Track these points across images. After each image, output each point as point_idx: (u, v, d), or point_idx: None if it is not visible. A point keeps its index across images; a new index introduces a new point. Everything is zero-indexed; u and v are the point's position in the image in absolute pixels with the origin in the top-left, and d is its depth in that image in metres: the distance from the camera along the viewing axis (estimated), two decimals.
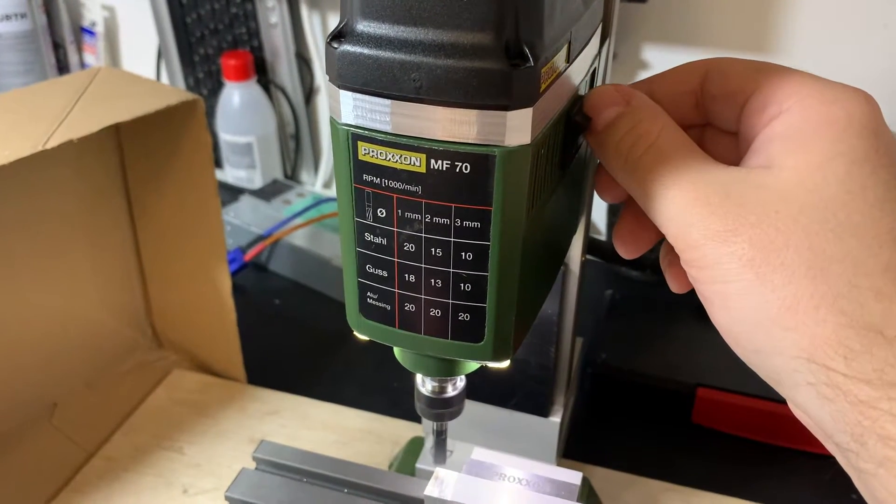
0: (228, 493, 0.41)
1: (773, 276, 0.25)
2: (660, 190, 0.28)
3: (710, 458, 0.62)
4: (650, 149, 0.29)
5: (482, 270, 0.28)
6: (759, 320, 0.25)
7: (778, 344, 0.25)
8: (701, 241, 0.26)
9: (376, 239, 0.28)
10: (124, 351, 0.69)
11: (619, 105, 0.30)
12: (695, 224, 0.27)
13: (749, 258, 0.25)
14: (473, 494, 0.36)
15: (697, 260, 0.27)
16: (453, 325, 0.29)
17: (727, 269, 0.26)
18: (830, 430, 0.25)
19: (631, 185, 0.30)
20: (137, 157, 0.62)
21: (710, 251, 0.26)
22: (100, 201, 0.63)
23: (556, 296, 0.43)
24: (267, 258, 0.84)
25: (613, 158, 0.30)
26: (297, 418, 0.63)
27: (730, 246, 0.26)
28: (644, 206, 0.29)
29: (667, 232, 0.28)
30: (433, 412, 0.37)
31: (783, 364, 0.26)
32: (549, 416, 0.47)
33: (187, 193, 0.60)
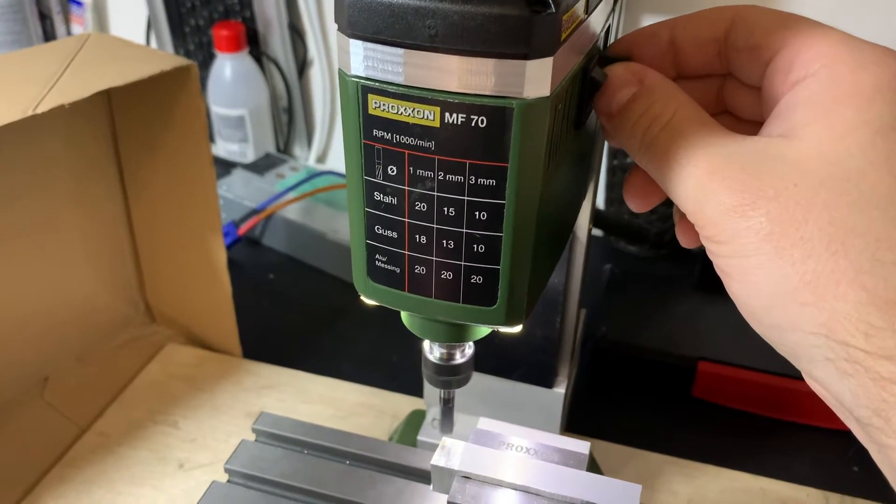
0: (228, 465, 0.41)
1: (793, 251, 0.24)
2: (676, 168, 0.27)
3: (710, 431, 0.61)
4: (665, 128, 0.28)
5: (496, 231, 0.27)
6: (777, 295, 0.25)
7: (796, 319, 0.25)
8: (718, 217, 0.26)
9: (386, 198, 0.27)
10: (117, 325, 0.67)
11: (633, 85, 0.29)
12: (712, 199, 0.26)
13: (767, 232, 0.25)
14: (481, 463, 0.35)
15: (715, 235, 0.26)
16: (465, 288, 0.28)
17: (745, 244, 0.25)
18: (850, 404, 0.25)
19: (648, 165, 0.29)
20: (129, 127, 0.60)
21: (728, 226, 0.25)
22: (91, 173, 0.61)
23: (562, 265, 0.42)
24: (261, 233, 0.83)
25: (629, 139, 0.29)
26: (294, 392, 0.62)
27: (747, 220, 0.25)
28: (662, 184, 0.29)
29: (685, 209, 0.28)
30: (440, 379, 0.36)
31: (801, 339, 0.25)
32: (554, 387, 0.47)
33: (181, 163, 0.58)
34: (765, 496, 0.54)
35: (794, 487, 0.55)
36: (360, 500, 0.39)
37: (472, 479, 0.35)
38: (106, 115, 0.60)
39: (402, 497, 0.39)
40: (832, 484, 0.55)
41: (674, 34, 0.30)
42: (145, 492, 0.54)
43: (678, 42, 0.30)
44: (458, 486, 0.35)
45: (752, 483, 0.55)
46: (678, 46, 0.30)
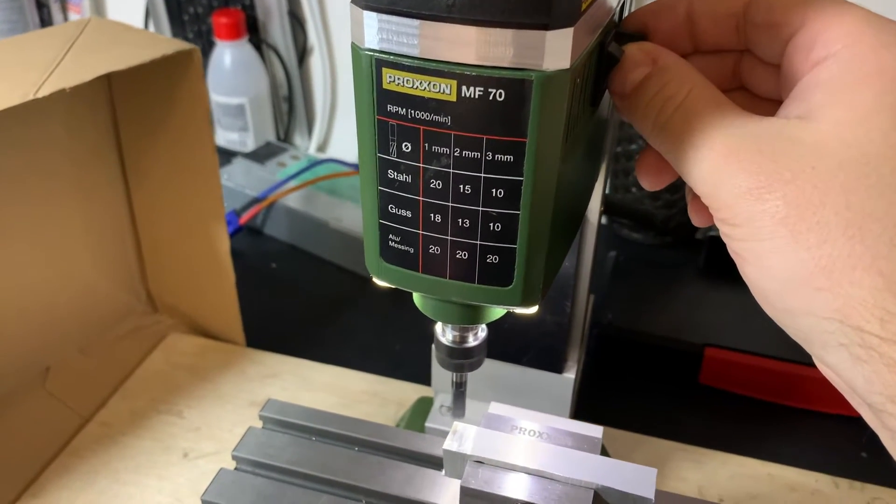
0: (236, 452, 0.40)
1: (809, 235, 0.24)
2: (690, 150, 0.27)
3: (717, 418, 0.61)
4: (679, 109, 0.27)
5: (513, 208, 0.26)
6: (791, 279, 0.25)
7: (810, 304, 0.24)
8: (733, 200, 0.25)
9: (400, 176, 0.27)
10: (119, 315, 0.67)
11: (646, 65, 0.28)
12: (727, 182, 0.25)
13: (783, 216, 0.24)
14: (493, 448, 0.35)
15: (730, 218, 0.26)
16: (481, 268, 0.28)
17: (760, 227, 0.25)
18: (863, 390, 0.25)
19: (662, 146, 0.28)
20: (130, 113, 0.60)
21: (743, 209, 0.25)
22: (92, 160, 0.60)
23: (573, 249, 0.42)
24: (262, 222, 0.82)
25: (642, 120, 0.29)
26: (298, 381, 0.62)
27: (763, 204, 0.25)
28: (675, 165, 0.28)
29: (699, 192, 0.27)
30: (453, 362, 0.36)
31: (814, 324, 0.25)
32: (564, 372, 0.46)
33: (183, 150, 0.58)
34: (773, 482, 0.54)
35: (804, 473, 0.54)
36: (369, 486, 0.38)
37: (485, 463, 0.34)
38: (107, 102, 0.59)
39: (412, 483, 0.38)
40: (841, 469, 0.55)
41: (691, 8, 0.30)
42: (150, 481, 0.53)
43: (695, 16, 0.30)
44: (471, 470, 0.34)
45: (761, 469, 0.55)
46: (695, 20, 0.30)
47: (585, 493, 0.33)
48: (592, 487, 0.33)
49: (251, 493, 0.38)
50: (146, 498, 0.52)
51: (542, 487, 0.33)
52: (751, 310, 0.68)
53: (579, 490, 0.33)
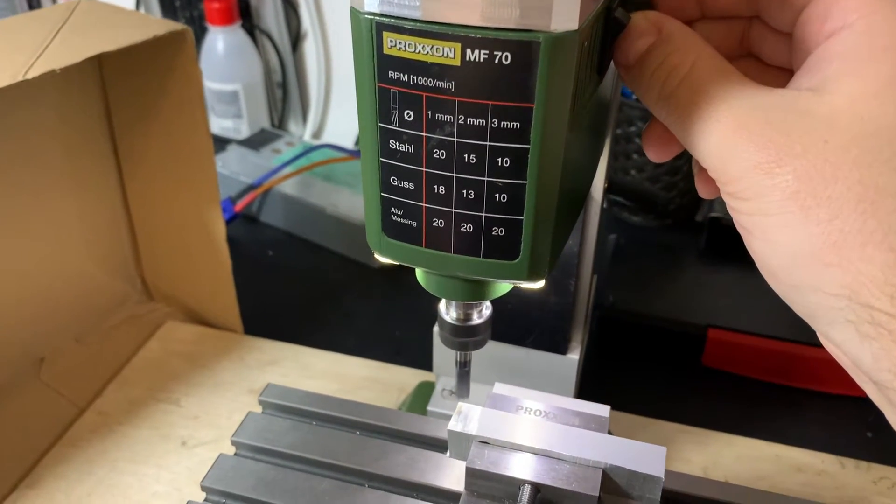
0: (235, 437, 0.39)
1: (819, 210, 0.23)
2: (697, 122, 0.26)
3: (721, 399, 0.61)
4: (684, 81, 0.27)
5: (520, 178, 0.25)
6: (800, 254, 0.24)
7: (818, 280, 0.24)
8: (742, 174, 0.25)
9: (402, 146, 0.26)
10: (114, 304, 0.66)
11: (650, 35, 0.28)
12: (735, 156, 0.25)
13: (794, 191, 0.24)
14: (499, 428, 0.34)
15: (738, 192, 0.25)
16: (486, 242, 0.27)
17: (770, 202, 0.24)
18: (869, 368, 0.24)
19: (667, 118, 0.28)
20: (123, 97, 0.58)
21: (752, 183, 0.25)
22: (84, 145, 0.59)
23: (576, 227, 0.41)
24: (258, 209, 0.81)
25: (647, 92, 0.28)
26: (298, 368, 0.61)
27: (773, 178, 0.24)
28: (683, 140, 0.28)
29: (706, 165, 0.26)
30: (457, 341, 0.35)
31: (822, 300, 0.24)
32: (567, 353, 0.45)
33: (177, 134, 0.57)
34: (780, 462, 0.53)
35: (809, 453, 0.54)
36: (372, 469, 0.37)
37: (491, 444, 0.34)
38: (98, 86, 0.58)
39: (416, 465, 0.37)
40: (846, 450, 0.55)
41: None
42: (148, 470, 0.52)
43: None
44: (477, 451, 0.34)
45: (767, 450, 0.54)
46: None
47: (594, 472, 0.32)
48: (601, 467, 0.33)
49: (251, 479, 0.37)
50: (144, 487, 0.51)
51: (549, 468, 0.33)
52: (753, 290, 0.68)
53: (587, 470, 0.33)
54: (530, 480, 0.32)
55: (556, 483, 0.32)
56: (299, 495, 0.36)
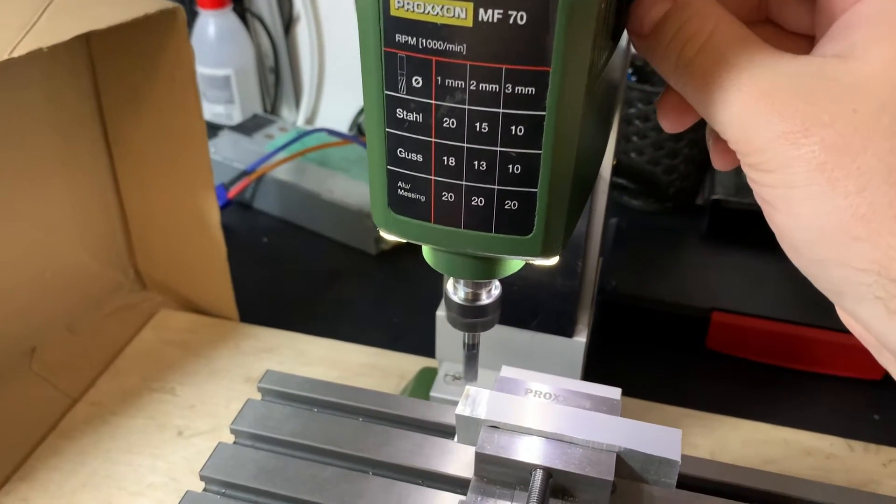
0: (234, 425, 0.38)
1: (847, 182, 0.22)
2: (717, 92, 0.25)
3: (726, 383, 0.60)
4: (703, 49, 0.25)
5: (535, 148, 0.24)
6: (825, 228, 0.23)
7: (844, 254, 0.23)
8: (766, 145, 0.24)
9: (410, 115, 0.24)
10: (106, 293, 0.64)
11: (665, 1, 0.26)
12: (759, 126, 0.24)
13: (820, 162, 0.23)
14: (508, 412, 0.33)
15: (761, 164, 0.24)
16: (498, 216, 0.26)
17: (794, 174, 0.23)
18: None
19: (685, 89, 0.27)
20: (112, 78, 0.57)
21: (777, 155, 0.23)
22: (73, 128, 0.58)
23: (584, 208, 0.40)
24: (251, 196, 0.80)
25: (663, 61, 0.27)
26: (295, 355, 0.60)
27: (799, 149, 0.23)
28: (700, 109, 0.26)
29: (727, 136, 0.25)
30: (465, 322, 0.33)
31: (848, 276, 0.23)
32: (574, 336, 0.44)
33: (168, 115, 0.55)
34: (788, 446, 0.53)
35: (817, 437, 0.53)
36: (376, 456, 0.36)
37: (501, 428, 0.33)
38: (87, 66, 0.57)
39: (421, 452, 0.36)
40: (853, 432, 0.54)
41: None
42: (144, 460, 0.51)
43: None
44: (486, 436, 0.32)
45: (774, 434, 0.54)
46: None
47: (608, 456, 0.31)
48: (615, 451, 0.32)
49: (252, 468, 0.36)
50: (140, 478, 0.50)
51: (561, 452, 0.32)
52: (758, 273, 0.67)
53: (601, 454, 0.32)
54: (542, 465, 0.31)
55: (569, 468, 0.31)
56: (301, 483, 0.35)
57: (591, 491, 0.31)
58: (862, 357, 0.59)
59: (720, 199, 0.70)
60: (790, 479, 0.36)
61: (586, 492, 0.31)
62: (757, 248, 0.68)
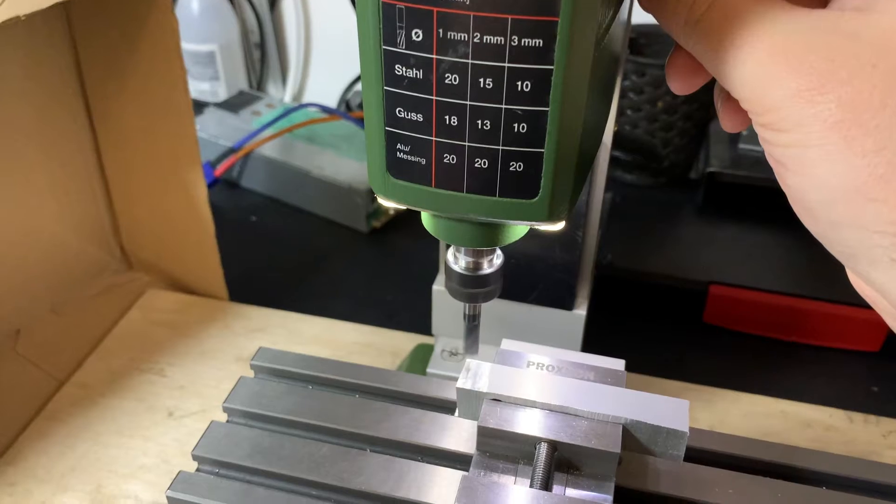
0: (227, 403, 0.37)
1: (865, 140, 0.22)
2: (730, 50, 0.24)
3: (724, 357, 0.59)
4: (714, 5, 0.25)
5: (541, 104, 0.23)
6: (840, 189, 0.22)
7: (861, 216, 0.22)
8: (780, 103, 0.23)
9: (409, 72, 0.23)
10: (91, 273, 0.63)
11: None
12: (772, 84, 0.23)
13: (837, 120, 0.22)
14: (511, 384, 0.32)
15: (775, 123, 0.23)
16: (503, 179, 0.25)
17: (809, 133, 0.22)
18: None
19: (695, 47, 0.26)
20: (93, 52, 0.55)
21: (791, 113, 0.23)
22: (54, 104, 0.56)
23: None
24: (238, 174, 0.78)
25: (672, 18, 0.26)
26: (287, 334, 0.59)
27: (815, 107, 0.22)
28: (711, 68, 0.25)
29: (739, 95, 0.24)
30: (466, 292, 0.32)
31: (863, 238, 0.23)
32: (574, 309, 0.43)
33: (152, 90, 0.53)
34: (787, 419, 0.52)
35: (817, 409, 0.53)
36: (374, 433, 0.35)
37: (503, 401, 0.32)
38: (67, 39, 0.55)
39: (420, 427, 0.35)
40: (853, 404, 0.54)
41: None
42: (134, 443, 0.50)
43: None
44: (488, 409, 0.31)
45: (773, 406, 0.53)
46: None
47: (614, 428, 0.31)
48: (621, 422, 0.31)
49: (246, 446, 0.35)
50: (131, 460, 0.49)
51: (566, 425, 0.31)
52: (755, 246, 0.66)
53: (607, 426, 0.31)
54: (547, 438, 0.30)
55: (575, 440, 0.30)
56: (298, 462, 0.34)
57: (597, 464, 0.30)
58: (860, 329, 0.58)
59: (715, 172, 0.69)
60: (797, 449, 0.35)
61: (592, 465, 0.30)
62: (753, 221, 0.67)
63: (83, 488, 0.47)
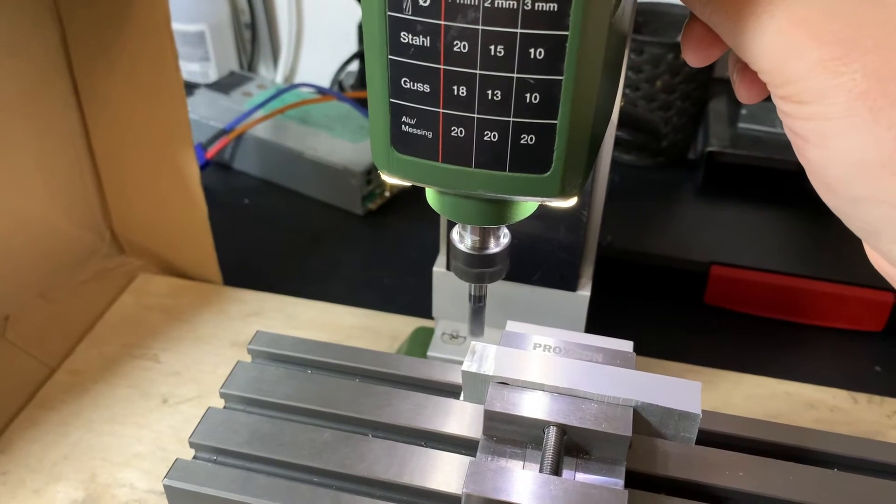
0: (224, 388, 0.36)
1: (892, 112, 0.21)
2: (749, 19, 0.23)
3: (725, 338, 0.59)
4: None
5: (555, 73, 0.22)
6: (864, 163, 0.22)
7: (885, 191, 0.22)
8: (802, 73, 0.22)
9: (416, 39, 0.22)
10: (81, 257, 0.61)
11: None
12: (794, 54, 0.22)
13: (862, 90, 0.21)
14: (518, 367, 0.31)
15: (796, 94, 0.22)
16: (513, 152, 0.23)
17: (833, 104, 0.22)
18: None
19: (712, 17, 0.25)
20: (81, 28, 0.53)
21: (814, 84, 0.22)
22: (41, 84, 0.54)
23: None
24: (231, 155, 0.77)
25: None
26: (283, 318, 0.58)
27: (839, 77, 0.21)
28: (728, 38, 0.24)
29: (758, 66, 0.24)
30: (472, 272, 0.31)
31: (886, 214, 0.22)
32: (578, 290, 0.43)
33: (143, 69, 0.52)
34: (791, 400, 0.52)
35: (820, 389, 0.52)
36: (376, 418, 0.34)
37: (510, 384, 0.31)
38: (53, 17, 0.53)
39: (423, 412, 0.34)
40: (856, 384, 0.53)
41: None
42: (128, 430, 0.49)
43: None
44: (495, 392, 0.31)
45: (777, 387, 0.52)
46: None
47: (624, 411, 0.30)
48: (631, 405, 0.30)
49: (244, 433, 0.34)
50: (125, 447, 0.48)
51: (575, 408, 0.30)
52: (756, 226, 0.65)
53: (617, 409, 0.30)
54: (556, 422, 0.29)
55: (585, 424, 0.29)
56: (299, 448, 0.33)
57: (607, 448, 0.30)
58: (862, 309, 0.58)
59: (715, 152, 0.68)
60: (806, 430, 0.35)
61: (602, 449, 0.30)
62: (754, 201, 0.67)
63: (77, 477, 0.46)
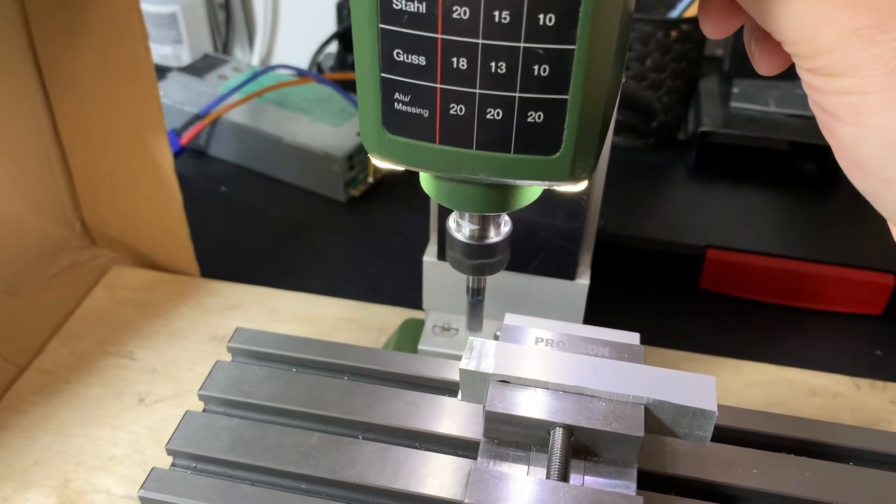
0: (203, 391, 0.34)
1: None
2: None
3: (723, 323, 0.57)
4: None
5: (567, 42, 0.20)
6: None
7: None
8: (833, 44, 0.20)
9: (410, 5, 0.20)
10: (51, 251, 0.58)
11: None
12: (824, 23, 0.20)
13: None
14: (519, 364, 0.29)
15: (826, 67, 0.21)
16: (519, 132, 0.21)
17: (867, 77, 0.20)
18: None
19: None
20: (43, 6, 0.50)
21: (846, 55, 0.20)
22: (1, 67, 0.51)
23: None
24: (206, 141, 0.74)
25: None
26: (264, 311, 0.55)
27: (874, 47, 0.20)
28: (752, 9, 0.23)
29: (785, 36, 0.22)
30: (471, 263, 0.29)
31: None
32: (577, 278, 0.40)
33: (110, 48, 0.49)
34: (793, 387, 0.50)
35: (823, 376, 0.51)
36: (366, 418, 0.32)
37: (512, 382, 0.29)
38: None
39: (417, 412, 0.32)
40: (856, 369, 0.52)
41: None
42: (103, 432, 0.46)
43: None
44: (496, 392, 0.29)
45: (778, 374, 0.51)
46: None
47: (634, 409, 0.28)
48: (642, 403, 0.28)
49: (226, 438, 0.32)
50: (99, 451, 0.45)
51: (582, 407, 0.28)
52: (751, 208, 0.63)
53: (627, 407, 0.28)
54: (562, 423, 0.27)
55: (593, 424, 0.27)
56: (284, 453, 0.31)
57: (617, 449, 0.28)
58: (862, 291, 0.56)
59: (708, 132, 0.67)
60: (819, 423, 0.33)
61: (612, 450, 0.28)
62: (749, 182, 0.65)
63: (49, 483, 0.43)
